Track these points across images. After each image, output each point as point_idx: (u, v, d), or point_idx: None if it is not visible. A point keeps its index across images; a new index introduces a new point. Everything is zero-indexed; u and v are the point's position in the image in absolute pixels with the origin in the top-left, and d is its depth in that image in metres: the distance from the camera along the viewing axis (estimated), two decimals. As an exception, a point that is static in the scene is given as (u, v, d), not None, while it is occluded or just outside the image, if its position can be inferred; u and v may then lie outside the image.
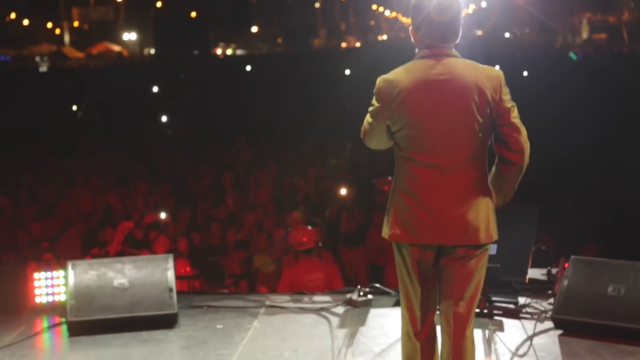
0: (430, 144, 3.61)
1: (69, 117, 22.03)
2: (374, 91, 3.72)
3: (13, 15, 59.65)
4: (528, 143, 3.72)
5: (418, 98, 3.61)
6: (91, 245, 9.47)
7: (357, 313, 5.62)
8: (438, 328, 3.86)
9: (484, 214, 3.65)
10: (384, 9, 74.32)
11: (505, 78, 3.71)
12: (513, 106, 3.68)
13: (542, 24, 58.07)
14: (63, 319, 5.60)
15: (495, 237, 3.71)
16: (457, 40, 3.73)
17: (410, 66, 3.71)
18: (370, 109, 3.74)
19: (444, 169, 3.61)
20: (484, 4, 56.27)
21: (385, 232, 3.74)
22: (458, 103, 3.59)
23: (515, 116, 3.68)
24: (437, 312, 3.84)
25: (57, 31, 63.30)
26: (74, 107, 23.18)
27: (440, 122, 3.60)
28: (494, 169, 3.78)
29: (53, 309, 5.85)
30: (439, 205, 3.61)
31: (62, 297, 5.81)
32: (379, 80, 3.72)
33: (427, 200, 3.62)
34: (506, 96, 3.67)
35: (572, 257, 5.36)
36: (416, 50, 3.75)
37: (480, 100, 3.60)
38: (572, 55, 32.05)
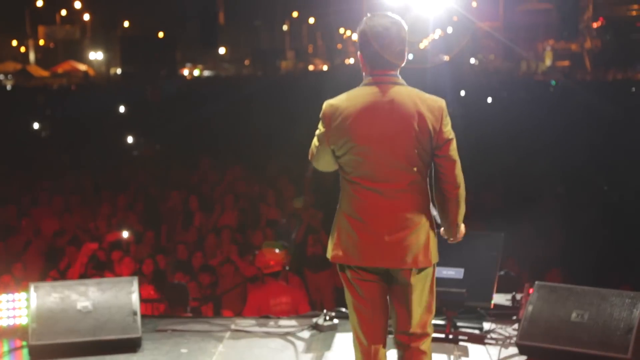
0: (372, 169, 3.71)
1: (32, 136, 21.78)
2: (320, 115, 3.81)
3: (-23, 33, 59.03)
4: (462, 176, 3.81)
5: (361, 124, 3.70)
6: (52, 266, 9.33)
7: (323, 337, 5.60)
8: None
9: (423, 238, 3.75)
10: (351, 33, 74.83)
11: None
12: (452, 139, 3.77)
13: (507, 50, 58.87)
14: (24, 343, 5.50)
15: (434, 260, 3.81)
16: (403, 64, 3.81)
17: (356, 92, 3.79)
18: (317, 132, 3.83)
19: (386, 193, 3.71)
20: (450, 30, 56.88)
21: (329, 253, 3.85)
22: (400, 130, 3.69)
23: (452, 149, 3.77)
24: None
25: (22, 49, 62.76)
26: (37, 126, 22.92)
27: (382, 149, 3.69)
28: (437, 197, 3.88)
29: (14, 332, 5.74)
30: (380, 228, 3.71)
31: (24, 320, 5.71)
32: (325, 104, 3.81)
33: (369, 223, 3.72)
34: (446, 127, 3.75)
35: (536, 282, 5.40)
36: (363, 75, 3.83)
37: (421, 129, 3.69)
38: (553, 82, 32.49)
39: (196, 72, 60.57)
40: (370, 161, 3.71)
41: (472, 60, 58.34)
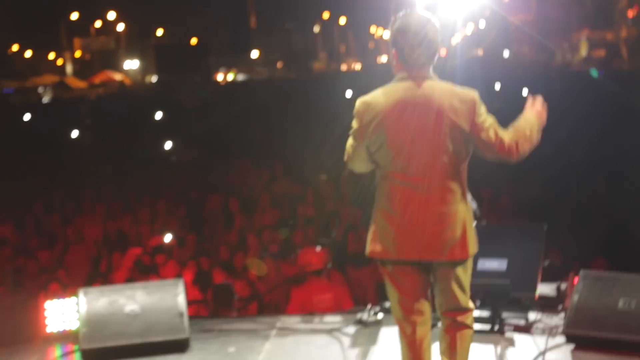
0: (406, 163, 3.78)
1: (73, 146, 22.07)
2: (354, 113, 3.88)
3: (15, 48, 59.99)
4: (514, 146, 3.90)
5: (396, 119, 3.77)
6: (98, 273, 9.46)
7: (368, 332, 5.61)
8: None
9: (459, 231, 3.81)
10: (383, 31, 74.65)
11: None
12: (489, 127, 3.84)
13: (540, 42, 58.29)
14: (76, 347, 5.59)
15: (472, 252, 3.88)
16: (434, 62, 3.89)
17: (389, 88, 3.87)
18: (351, 131, 3.90)
19: (420, 187, 3.78)
20: (482, 25, 56.51)
21: (367, 249, 3.94)
22: (434, 124, 3.76)
23: (491, 135, 3.84)
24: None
25: (59, 62, 63.61)
26: (76, 135, 23.23)
27: (416, 143, 3.76)
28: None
29: (65, 337, 5.84)
30: (415, 222, 3.79)
31: (74, 325, 5.80)
32: (358, 102, 3.87)
33: (404, 217, 3.79)
34: (480, 117, 3.82)
35: (581, 271, 5.36)
36: (395, 72, 3.91)
37: (454, 122, 3.76)
38: (594, 72, 31.50)
39: (230, 77, 60.92)
40: (404, 155, 3.78)
41: (506, 54, 57.89)
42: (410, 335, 3.93)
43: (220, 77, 60.33)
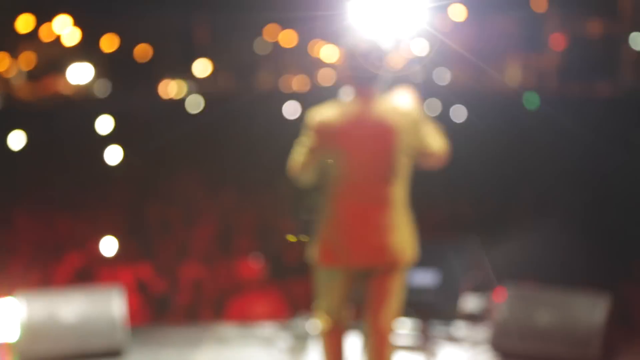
0: (356, 176, 3.87)
1: (19, 155, 21.58)
2: (307, 127, 3.92)
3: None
4: (444, 151, 4.00)
5: (345, 133, 3.85)
6: (37, 276, 9.23)
7: (303, 342, 5.56)
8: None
9: (405, 237, 3.92)
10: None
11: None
12: (429, 136, 3.94)
13: (476, 66, 59.06)
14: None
15: (414, 258, 3.99)
16: (382, 79, 3.94)
17: (339, 104, 3.94)
18: (302, 144, 3.94)
19: (369, 198, 3.87)
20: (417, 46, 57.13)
21: (314, 257, 3.97)
22: (381, 139, 3.85)
23: (431, 146, 3.94)
24: None
25: (3, 67, 62.24)
26: (25, 145, 22.73)
27: (364, 156, 3.85)
28: None
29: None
30: (365, 231, 3.87)
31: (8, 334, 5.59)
32: (312, 114, 3.92)
33: (354, 227, 3.88)
34: (423, 130, 3.92)
35: (507, 285, 5.41)
36: (343, 88, 3.98)
37: (398, 134, 3.85)
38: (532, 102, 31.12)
39: (176, 89, 60.35)
40: (354, 169, 3.86)
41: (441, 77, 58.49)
42: (328, 338, 4.04)
43: (169, 89, 59.73)
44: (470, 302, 5.91)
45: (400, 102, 3.96)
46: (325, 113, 3.92)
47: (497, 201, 12.08)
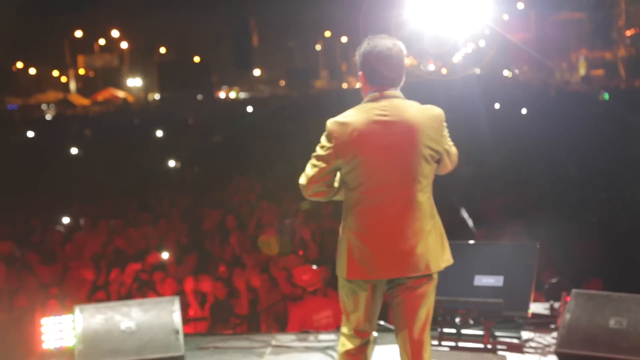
0: (379, 182, 3.83)
1: (75, 163, 22.11)
2: (325, 133, 3.90)
3: (20, 65, 60.24)
4: (454, 165, 4.05)
5: (368, 139, 3.83)
6: (97, 288, 9.45)
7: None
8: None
9: (433, 244, 3.87)
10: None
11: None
12: (450, 146, 3.98)
13: (539, 61, 58.42)
14: (71, 364, 5.59)
15: (444, 264, 3.94)
16: (402, 84, 3.98)
17: (360, 108, 3.94)
18: (320, 152, 3.90)
19: (393, 205, 3.83)
20: (482, 43, 56.67)
21: (342, 272, 3.91)
22: (404, 143, 3.83)
23: (452, 153, 3.99)
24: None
25: (63, 79, 63.87)
26: (80, 152, 23.27)
27: (388, 161, 3.83)
28: None
29: (61, 354, 5.83)
30: (390, 240, 3.82)
31: (70, 342, 5.80)
32: (330, 123, 3.92)
33: (379, 236, 3.83)
34: (445, 134, 3.94)
35: (573, 290, 5.37)
36: (364, 94, 3.99)
37: (423, 139, 3.84)
38: (606, 95, 31.17)
39: (232, 95, 61.04)
40: (377, 174, 3.83)
41: (505, 73, 58.01)
42: (352, 352, 4.03)
43: (222, 95, 60.45)
44: (537, 307, 5.88)
45: (424, 105, 3.95)
46: (344, 118, 3.90)
47: (563, 203, 11.92)
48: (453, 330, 5.57)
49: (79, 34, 61.66)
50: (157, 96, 58.81)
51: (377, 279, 3.89)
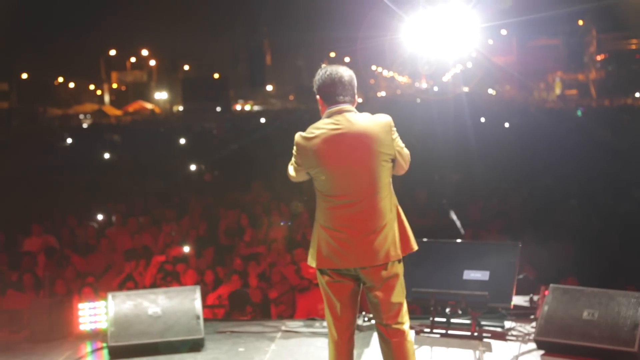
0: (340, 185, 3.88)
1: (109, 167, 22.12)
2: (294, 144, 3.99)
3: (61, 79, 60.47)
4: (408, 165, 4.05)
5: (327, 151, 3.89)
6: (127, 277, 9.44)
7: (362, 336, 5.59)
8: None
9: (391, 235, 3.89)
10: (382, 69, 75.12)
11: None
12: (402, 148, 3.98)
13: (520, 81, 58.45)
14: (104, 344, 5.60)
15: (405, 252, 3.94)
16: (354, 101, 4.02)
17: (319, 124, 3.99)
18: (293, 159, 4.02)
19: (355, 205, 3.87)
20: (469, 65, 56.67)
21: (312, 262, 3.97)
22: (359, 149, 3.88)
23: (404, 154, 3.99)
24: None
25: (99, 92, 64.08)
26: (110, 156, 23.28)
27: (346, 167, 3.87)
28: None
29: (95, 335, 5.86)
30: (353, 235, 3.86)
31: (103, 325, 5.82)
32: (296, 136, 4.00)
33: (343, 232, 3.87)
34: (395, 137, 3.94)
35: (551, 285, 5.35)
36: (322, 114, 4.03)
37: (377, 144, 3.88)
38: (578, 112, 31.38)
39: (247, 108, 61.10)
40: (338, 180, 3.88)
41: (490, 91, 58.00)
42: (337, 340, 3.99)
43: (238, 107, 60.50)
44: (518, 300, 5.86)
45: (374, 115, 3.98)
46: (307, 132, 3.95)
47: (541, 205, 11.89)
48: (443, 320, 5.56)
49: (112, 52, 61.88)
50: (180, 108, 58.91)
51: (343, 268, 3.89)
